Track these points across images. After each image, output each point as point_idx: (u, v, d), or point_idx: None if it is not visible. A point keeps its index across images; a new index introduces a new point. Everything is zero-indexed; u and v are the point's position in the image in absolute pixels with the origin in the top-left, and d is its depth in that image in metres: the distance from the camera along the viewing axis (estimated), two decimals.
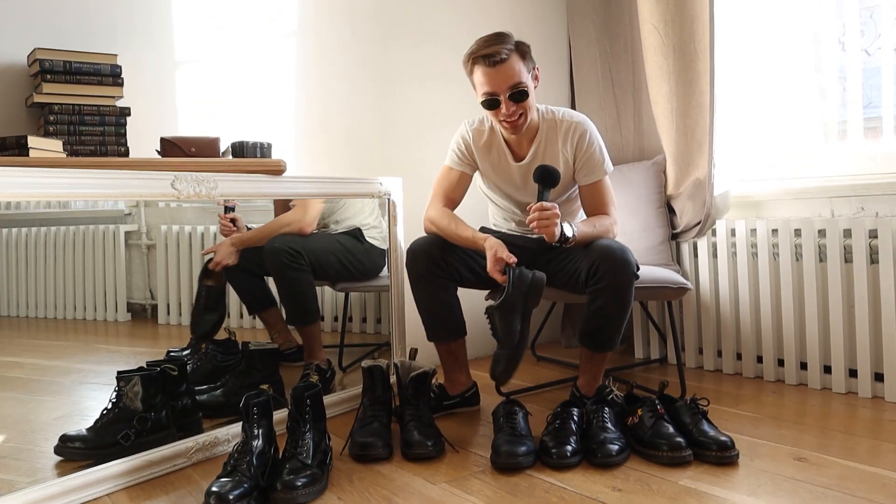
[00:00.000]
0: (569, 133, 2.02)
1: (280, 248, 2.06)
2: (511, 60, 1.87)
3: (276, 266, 2.07)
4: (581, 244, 1.92)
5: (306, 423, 1.60)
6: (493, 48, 1.86)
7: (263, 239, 2.08)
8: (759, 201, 2.52)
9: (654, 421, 1.71)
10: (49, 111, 1.78)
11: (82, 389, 1.81)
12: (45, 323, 1.80)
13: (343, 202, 2.24)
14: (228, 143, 1.93)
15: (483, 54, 1.87)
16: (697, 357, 2.59)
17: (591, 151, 2.01)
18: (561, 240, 1.83)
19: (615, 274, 1.83)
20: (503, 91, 1.89)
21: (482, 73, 1.89)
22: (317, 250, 2.12)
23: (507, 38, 1.90)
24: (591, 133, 2.03)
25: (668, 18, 2.49)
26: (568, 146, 2.02)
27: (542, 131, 2.03)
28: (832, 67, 2.40)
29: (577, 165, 2.03)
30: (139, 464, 1.62)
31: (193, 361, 1.97)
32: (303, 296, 2.16)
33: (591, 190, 2.04)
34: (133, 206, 1.94)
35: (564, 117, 2.04)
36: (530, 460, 1.65)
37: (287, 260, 2.06)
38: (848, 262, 2.15)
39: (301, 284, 2.13)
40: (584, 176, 2.03)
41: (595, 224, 1.97)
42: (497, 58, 1.86)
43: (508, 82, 1.88)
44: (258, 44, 2.32)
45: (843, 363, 2.17)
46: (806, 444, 1.75)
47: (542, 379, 2.47)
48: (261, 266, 2.10)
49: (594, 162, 2.01)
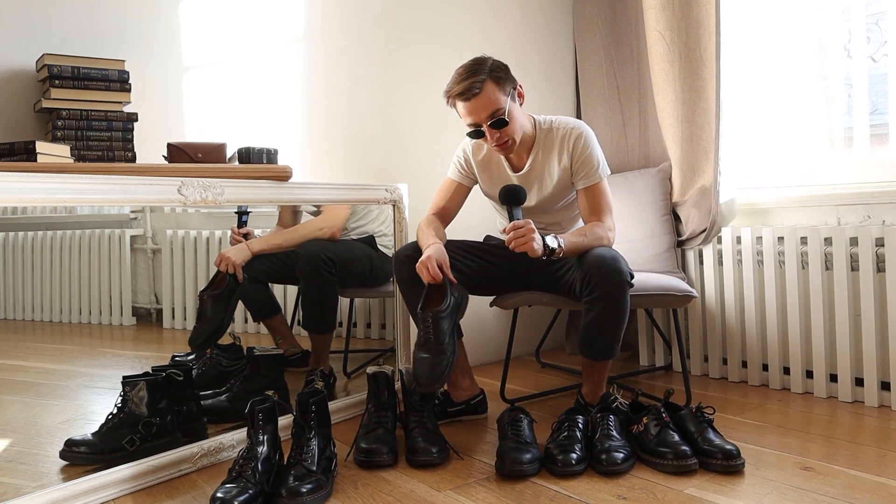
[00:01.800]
0: (565, 139, 2.03)
1: (317, 254, 2.07)
2: (485, 91, 1.89)
3: (309, 272, 2.08)
4: (572, 255, 1.93)
5: (311, 430, 1.61)
6: (465, 83, 1.89)
7: (288, 245, 2.08)
8: (764, 209, 2.52)
9: (659, 429, 1.71)
10: (57, 116, 1.79)
11: (87, 394, 1.82)
12: (51, 326, 1.81)
13: (358, 209, 2.25)
14: (235, 148, 1.94)
15: (456, 92, 1.91)
16: (703, 365, 2.59)
17: (586, 155, 2.02)
18: (546, 253, 1.84)
19: (608, 283, 1.84)
20: (483, 121, 1.93)
21: (461, 107, 1.94)
22: (346, 259, 2.12)
23: (480, 68, 1.91)
24: (587, 137, 2.04)
25: (673, 25, 2.50)
26: (564, 152, 2.03)
27: (538, 141, 2.05)
28: (838, 74, 2.41)
29: (574, 169, 2.04)
30: (144, 469, 1.63)
31: (198, 367, 1.98)
32: (327, 304, 2.17)
33: (587, 194, 2.04)
34: (139, 210, 1.96)
35: (560, 124, 2.06)
36: (535, 468, 1.65)
37: (323, 268, 2.07)
38: (854, 271, 2.15)
39: (329, 294, 2.14)
40: (580, 180, 2.03)
41: (586, 233, 1.96)
42: (469, 94, 1.89)
43: (486, 112, 1.91)
44: (265, 49, 2.33)
45: (850, 372, 2.16)
46: (812, 453, 1.75)
47: (546, 386, 2.48)
48: (267, 274, 2.10)
49: (590, 165, 2.02)
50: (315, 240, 2.11)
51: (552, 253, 1.84)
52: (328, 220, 2.14)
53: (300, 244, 2.09)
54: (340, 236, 2.18)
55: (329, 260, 2.07)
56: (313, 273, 2.08)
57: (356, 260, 2.20)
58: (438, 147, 2.65)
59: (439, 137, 2.67)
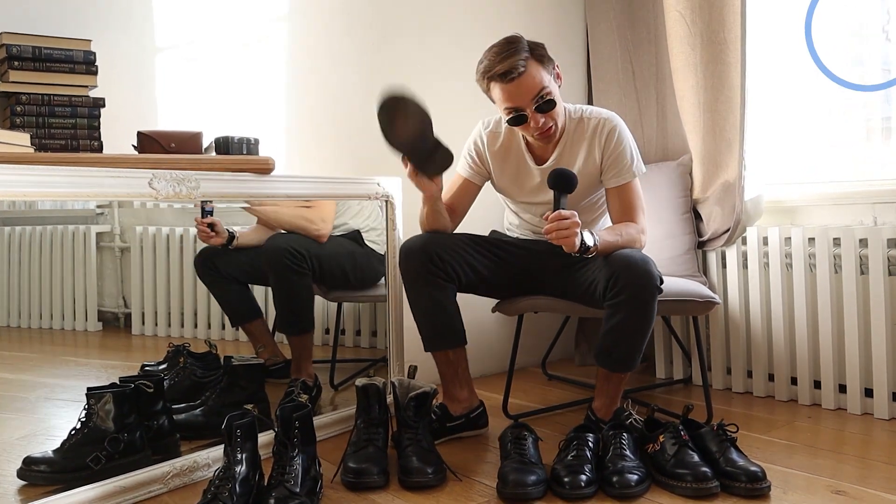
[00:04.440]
0: (596, 131, 2.03)
1: (283, 247, 2.07)
2: (530, 70, 1.89)
3: (275, 266, 2.08)
4: (603, 254, 1.93)
5: (294, 447, 1.60)
6: (507, 63, 1.87)
7: (269, 225, 2.09)
8: (794, 207, 2.52)
9: (677, 448, 1.71)
10: (16, 101, 1.79)
11: (48, 406, 1.82)
12: (8, 332, 1.81)
13: (343, 204, 2.25)
14: (212, 138, 1.94)
15: (498, 72, 1.88)
16: (725, 378, 2.59)
17: (619, 150, 2.02)
18: (581, 250, 1.84)
19: (636, 286, 1.84)
20: (528, 104, 1.91)
21: (501, 89, 1.91)
22: (321, 254, 2.12)
23: (519, 46, 1.90)
24: (621, 130, 2.04)
25: (695, 5, 2.50)
26: (595, 145, 2.03)
27: (567, 131, 2.05)
28: (875, 59, 2.41)
29: (605, 166, 2.03)
30: (110, 490, 1.62)
31: (171, 377, 1.98)
32: (300, 302, 2.16)
33: (618, 193, 2.04)
34: (106, 205, 1.95)
35: (592, 115, 2.06)
36: (540, 491, 1.65)
37: (289, 261, 2.07)
38: (892, 275, 2.15)
39: (300, 289, 2.14)
40: (612, 178, 2.03)
41: (621, 232, 1.96)
42: (514, 73, 1.87)
43: (532, 94, 1.90)
44: (245, 29, 2.33)
45: (886, 386, 2.16)
46: (845, 476, 1.75)
47: (553, 400, 2.48)
48: (246, 273, 2.10)
49: (623, 162, 2.02)
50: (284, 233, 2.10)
51: (587, 251, 1.85)
52: (321, 220, 2.14)
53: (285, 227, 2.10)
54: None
55: (297, 252, 2.07)
56: (281, 267, 2.08)
57: (333, 256, 2.19)
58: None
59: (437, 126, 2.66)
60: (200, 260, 2.07)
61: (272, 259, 2.08)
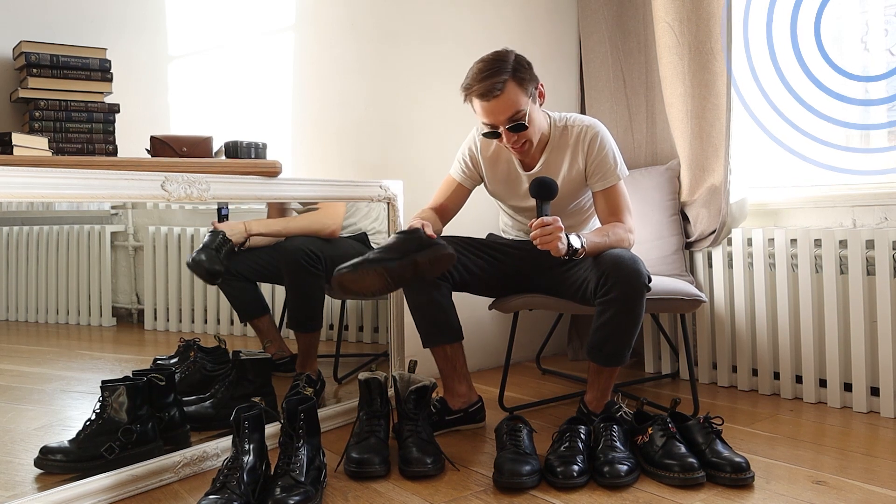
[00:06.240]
0: (580, 138, 2.03)
1: (301, 248, 2.08)
2: (507, 92, 1.89)
3: (292, 266, 2.09)
4: (593, 255, 1.93)
5: (300, 438, 1.60)
6: (486, 83, 1.88)
7: (286, 233, 2.11)
8: (777, 209, 2.53)
9: (665, 440, 1.71)
10: (35, 107, 1.78)
11: (64, 398, 1.82)
12: (26, 327, 1.81)
13: (352, 206, 2.26)
14: (221, 142, 1.93)
15: (476, 91, 1.90)
16: (711, 373, 2.59)
17: (602, 155, 2.02)
18: (569, 253, 1.84)
19: (626, 285, 1.84)
20: (501, 123, 1.92)
21: (478, 105, 1.93)
22: (334, 256, 2.13)
23: (502, 66, 1.90)
24: (603, 136, 2.04)
25: (683, 16, 2.50)
26: (579, 152, 2.03)
27: (552, 139, 2.06)
28: (855, 68, 2.41)
29: (589, 171, 2.04)
30: (124, 478, 1.63)
31: (181, 370, 1.98)
32: (312, 301, 2.17)
33: (604, 196, 2.05)
34: (120, 206, 1.95)
35: (575, 122, 2.06)
36: (534, 480, 1.65)
37: (305, 262, 2.07)
38: (870, 275, 2.15)
39: (314, 289, 2.15)
40: (598, 181, 2.04)
41: (608, 233, 1.97)
42: (490, 96, 1.88)
43: (506, 115, 1.91)
44: (254, 38, 2.33)
45: (865, 381, 2.17)
46: (825, 466, 1.75)
47: (547, 394, 2.48)
48: (256, 271, 2.10)
49: (606, 166, 2.02)
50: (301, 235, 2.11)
51: (575, 253, 1.85)
52: (330, 217, 2.14)
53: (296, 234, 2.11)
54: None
55: (313, 254, 2.08)
56: (297, 267, 2.09)
57: (343, 257, 2.20)
58: (437, 142, 2.64)
59: (438, 132, 2.67)
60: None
61: (289, 259, 2.09)
